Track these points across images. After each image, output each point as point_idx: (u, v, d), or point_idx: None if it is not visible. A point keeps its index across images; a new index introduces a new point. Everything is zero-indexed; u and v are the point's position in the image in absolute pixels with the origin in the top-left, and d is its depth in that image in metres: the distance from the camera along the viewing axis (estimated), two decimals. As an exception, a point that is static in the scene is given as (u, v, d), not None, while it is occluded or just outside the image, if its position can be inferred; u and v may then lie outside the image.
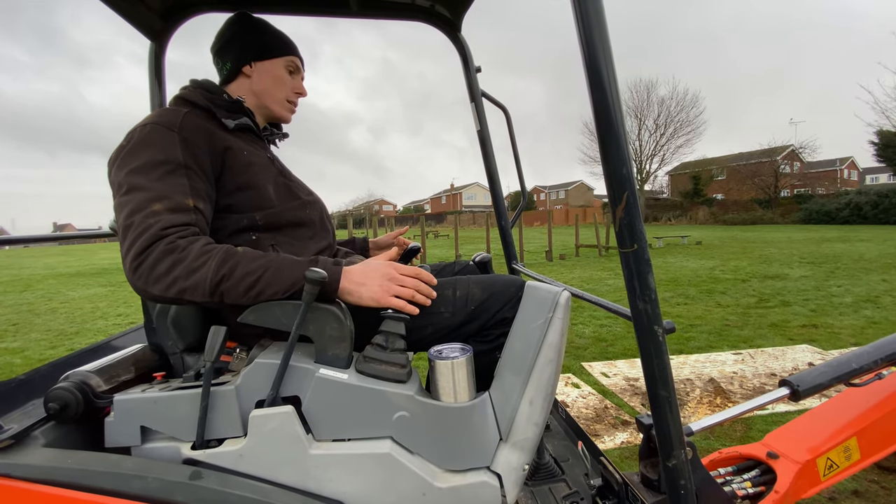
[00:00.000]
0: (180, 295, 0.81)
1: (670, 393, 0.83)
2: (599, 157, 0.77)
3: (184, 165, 0.90)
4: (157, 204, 0.84)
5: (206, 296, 0.81)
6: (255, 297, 0.83)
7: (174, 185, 0.88)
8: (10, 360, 4.42)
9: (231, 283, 0.82)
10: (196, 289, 0.81)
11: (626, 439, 2.33)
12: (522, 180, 1.68)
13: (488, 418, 0.89)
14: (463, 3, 1.46)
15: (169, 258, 0.81)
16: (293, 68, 1.19)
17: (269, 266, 0.84)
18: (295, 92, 1.21)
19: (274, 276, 0.83)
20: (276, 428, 0.83)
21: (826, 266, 8.24)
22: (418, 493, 0.85)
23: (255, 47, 1.14)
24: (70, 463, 0.79)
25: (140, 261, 0.80)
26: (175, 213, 0.85)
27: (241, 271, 0.82)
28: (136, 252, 0.81)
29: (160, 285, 0.80)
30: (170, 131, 0.92)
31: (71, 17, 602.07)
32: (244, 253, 0.85)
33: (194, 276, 0.80)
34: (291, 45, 1.19)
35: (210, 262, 0.81)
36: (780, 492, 1.13)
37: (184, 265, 0.81)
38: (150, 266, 0.80)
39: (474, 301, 0.97)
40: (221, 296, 0.82)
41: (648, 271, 0.78)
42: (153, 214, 0.83)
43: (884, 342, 1.29)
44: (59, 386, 0.88)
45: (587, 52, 0.72)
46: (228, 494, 0.78)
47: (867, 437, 1.27)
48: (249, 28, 1.15)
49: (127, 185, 0.87)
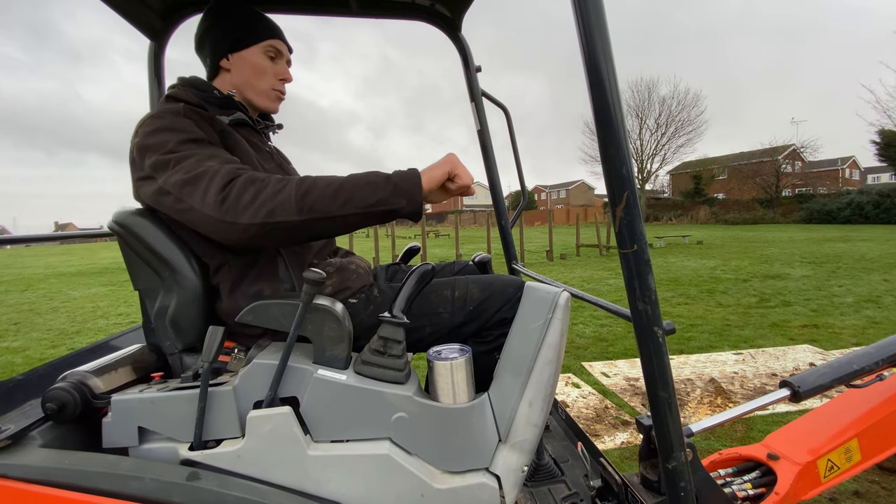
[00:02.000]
0: (270, 216, 0.81)
1: (670, 394, 0.83)
2: (600, 156, 0.77)
3: (207, 141, 0.92)
4: (211, 161, 0.86)
5: (294, 211, 0.81)
6: (344, 204, 0.83)
7: (213, 153, 0.89)
8: (11, 359, 4.43)
9: (317, 194, 0.82)
10: (284, 206, 0.81)
11: (626, 439, 2.33)
12: (523, 180, 1.68)
13: (487, 419, 0.88)
14: (463, 2, 1.46)
15: (252, 187, 0.82)
16: (273, 53, 1.12)
17: (348, 180, 0.85)
18: (279, 79, 1.14)
19: (356, 188, 0.84)
20: (275, 429, 0.83)
21: (827, 266, 8.22)
22: (417, 494, 0.84)
23: (229, 38, 1.08)
24: (67, 463, 0.79)
25: (225, 195, 0.82)
26: (231, 164, 0.87)
27: (322, 183, 0.84)
28: (217, 189, 0.82)
29: (249, 211, 0.81)
30: (179, 116, 0.93)
31: (64, 13, 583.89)
32: (318, 176, 0.86)
33: (279, 195, 0.82)
34: (269, 27, 1.12)
35: (290, 184, 0.83)
36: (781, 493, 1.12)
37: (268, 190, 0.82)
38: (237, 197, 0.82)
39: (473, 301, 0.97)
40: (311, 208, 0.82)
41: (648, 272, 0.77)
42: (214, 167, 0.85)
43: (885, 343, 1.28)
44: (56, 386, 0.88)
45: (587, 52, 0.71)
46: (226, 495, 0.77)
47: (868, 438, 1.26)
48: (221, 17, 1.09)
49: (168, 160, 0.87)
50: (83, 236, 1.62)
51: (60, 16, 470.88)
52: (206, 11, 1.12)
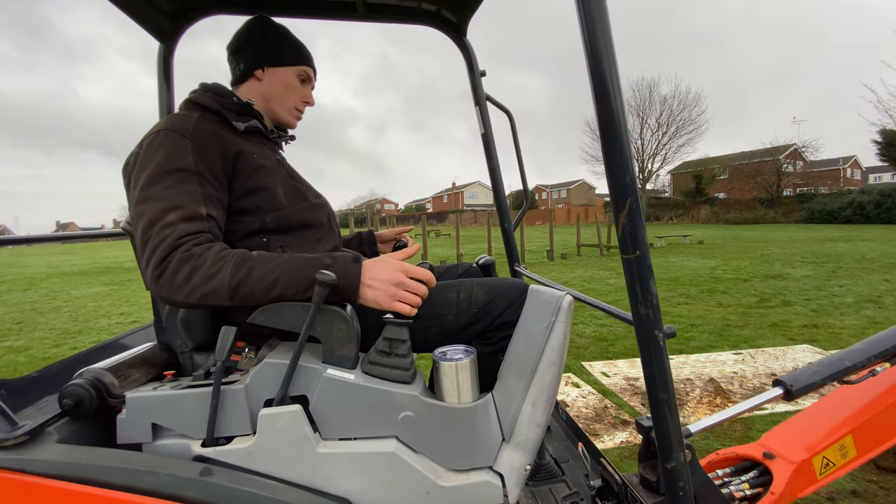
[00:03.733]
0: (203, 300, 0.84)
1: (670, 396, 0.85)
2: (602, 158, 0.79)
3: (196, 172, 0.92)
4: (172, 214, 0.87)
5: (226, 300, 0.84)
6: (276, 298, 0.85)
7: (187, 194, 0.90)
8: (14, 358, 4.45)
9: (249, 287, 0.84)
10: (217, 293, 0.83)
11: (625, 439, 2.35)
12: (526, 184, 1.70)
13: (491, 419, 0.91)
14: (468, 7, 1.48)
15: (186, 266, 0.83)
16: (305, 77, 1.21)
17: (285, 267, 0.86)
18: (303, 101, 1.23)
19: (291, 277, 0.85)
20: (285, 426, 0.85)
21: (828, 266, 8.23)
22: (422, 491, 0.86)
23: (271, 53, 1.16)
24: (84, 458, 0.81)
25: (160, 271, 0.84)
26: (189, 222, 0.87)
27: (257, 274, 0.85)
28: (156, 263, 0.84)
29: (182, 292, 0.83)
30: (182, 138, 0.94)
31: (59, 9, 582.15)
32: (258, 256, 0.87)
33: (212, 281, 0.83)
34: (307, 55, 1.21)
35: (226, 267, 0.84)
36: (776, 493, 1.14)
37: (201, 272, 0.83)
38: (171, 275, 0.83)
39: (478, 304, 0.99)
40: (242, 299, 0.84)
41: (650, 277, 0.79)
42: (168, 225, 0.86)
43: (876, 339, 1.29)
44: (73, 383, 0.90)
45: (592, 65, 0.73)
46: (238, 491, 0.79)
47: (863, 434, 1.27)
48: (268, 33, 1.17)
49: (143, 195, 0.89)
50: (88, 236, 1.64)
51: (53, 12, 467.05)
52: (256, 21, 1.17)
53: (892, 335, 1.28)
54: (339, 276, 0.85)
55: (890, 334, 1.29)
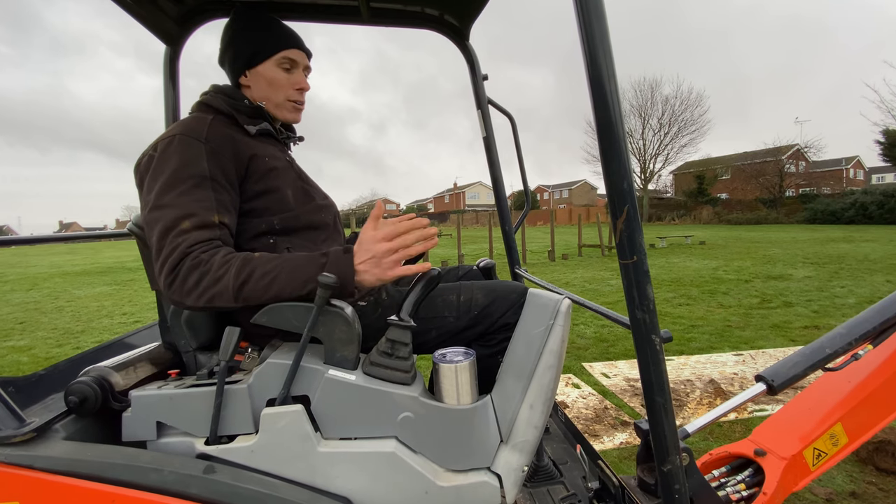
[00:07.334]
0: (211, 302, 0.87)
1: (666, 399, 0.86)
2: (602, 171, 0.80)
3: (210, 178, 0.94)
4: (186, 222, 0.89)
5: (232, 300, 0.87)
6: (276, 297, 0.87)
7: (201, 201, 0.92)
8: (18, 357, 4.48)
9: (251, 287, 0.86)
10: (223, 295, 0.86)
11: (625, 440, 2.36)
12: (527, 186, 1.71)
13: (490, 420, 0.92)
14: (471, 12, 1.49)
15: (196, 272, 0.86)
16: (288, 64, 1.13)
17: (284, 266, 0.88)
18: (295, 88, 1.14)
19: (289, 275, 0.87)
20: (287, 426, 0.86)
21: (830, 266, 8.21)
22: (421, 491, 0.88)
23: (244, 55, 1.10)
24: (90, 455, 0.83)
25: (173, 277, 0.87)
26: (201, 230, 0.90)
27: (258, 274, 0.87)
28: (168, 270, 0.87)
29: (192, 296, 0.87)
30: (197, 142, 0.95)
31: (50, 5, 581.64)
32: (260, 257, 0.89)
33: (218, 284, 0.86)
34: (281, 37, 1.12)
35: (231, 269, 0.87)
36: (769, 493, 1.14)
37: (209, 276, 0.86)
38: (182, 281, 0.86)
39: (477, 306, 1.00)
40: (246, 299, 0.87)
41: (647, 282, 0.81)
42: (182, 233, 0.88)
43: (856, 321, 1.23)
44: (79, 380, 0.91)
45: (591, 72, 0.75)
46: (240, 488, 0.81)
47: (852, 420, 1.24)
48: (235, 35, 1.12)
49: (158, 201, 0.91)
50: (91, 237, 1.65)
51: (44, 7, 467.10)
52: (224, 29, 1.14)
53: (871, 316, 1.23)
54: (336, 274, 0.86)
55: (870, 315, 1.24)
